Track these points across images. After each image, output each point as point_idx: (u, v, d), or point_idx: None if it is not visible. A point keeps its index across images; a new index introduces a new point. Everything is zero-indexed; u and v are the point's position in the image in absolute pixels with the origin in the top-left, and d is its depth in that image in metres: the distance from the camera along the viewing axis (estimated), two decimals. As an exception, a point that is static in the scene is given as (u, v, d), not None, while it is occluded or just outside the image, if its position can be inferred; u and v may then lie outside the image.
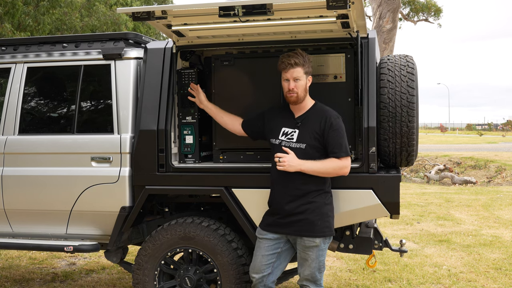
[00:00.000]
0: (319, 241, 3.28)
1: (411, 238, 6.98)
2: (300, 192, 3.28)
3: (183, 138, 3.90)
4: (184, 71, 3.88)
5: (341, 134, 3.26)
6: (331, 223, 3.32)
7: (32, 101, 4.26)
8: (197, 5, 3.20)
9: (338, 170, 3.26)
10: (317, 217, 3.26)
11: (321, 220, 3.27)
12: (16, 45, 4.21)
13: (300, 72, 3.29)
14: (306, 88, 3.35)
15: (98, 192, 3.84)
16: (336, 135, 3.24)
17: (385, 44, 12.87)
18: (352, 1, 2.97)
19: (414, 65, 3.62)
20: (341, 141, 3.25)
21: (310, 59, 3.35)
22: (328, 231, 3.30)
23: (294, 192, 3.29)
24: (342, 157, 3.24)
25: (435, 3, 22.71)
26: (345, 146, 3.26)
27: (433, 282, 5.09)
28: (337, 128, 3.25)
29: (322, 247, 3.31)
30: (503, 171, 17.14)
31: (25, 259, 5.99)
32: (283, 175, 3.31)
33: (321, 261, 3.33)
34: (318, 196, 3.29)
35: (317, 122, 3.29)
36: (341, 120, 3.30)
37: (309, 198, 3.27)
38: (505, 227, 7.77)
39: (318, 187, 3.29)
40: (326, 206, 3.31)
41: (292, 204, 3.28)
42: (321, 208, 3.28)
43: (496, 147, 29.35)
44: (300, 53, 3.31)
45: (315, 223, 3.26)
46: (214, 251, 3.64)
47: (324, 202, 3.30)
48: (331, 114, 3.31)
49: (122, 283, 5.11)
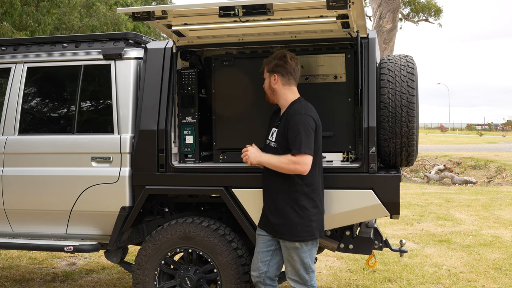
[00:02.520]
0: (299, 245, 3.24)
1: (411, 238, 6.98)
2: (278, 192, 3.26)
3: (183, 138, 3.90)
4: (184, 71, 3.88)
5: (297, 131, 3.14)
6: (313, 227, 3.23)
7: (32, 101, 4.26)
8: (197, 5, 3.21)
9: (290, 166, 3.13)
10: (298, 220, 3.21)
11: (301, 225, 3.21)
12: (16, 45, 4.21)
13: (265, 71, 3.38)
14: (271, 87, 3.34)
15: (98, 192, 3.84)
16: (293, 131, 3.16)
17: (385, 44, 12.87)
18: (352, 1, 2.97)
19: (414, 65, 3.62)
20: (296, 137, 3.14)
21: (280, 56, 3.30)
22: (308, 236, 3.22)
23: (273, 192, 3.29)
24: (295, 153, 3.12)
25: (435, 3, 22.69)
26: (300, 143, 3.12)
27: (433, 282, 5.09)
28: (293, 124, 3.17)
29: (304, 249, 3.25)
30: (503, 171, 17.14)
31: (25, 259, 5.99)
32: (265, 174, 3.35)
33: (306, 262, 3.27)
34: (299, 198, 3.21)
35: (284, 120, 3.27)
36: (305, 116, 3.17)
37: (288, 200, 3.23)
38: (505, 227, 7.77)
39: (298, 188, 3.21)
40: (308, 210, 3.22)
41: (271, 205, 3.30)
42: (303, 210, 3.21)
43: (496, 147, 29.36)
44: (274, 53, 3.36)
45: (295, 227, 3.22)
46: (214, 251, 3.64)
47: (304, 206, 3.21)
48: (293, 111, 3.24)
49: (122, 283, 5.11)
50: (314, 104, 3.45)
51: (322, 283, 5.12)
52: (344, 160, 3.66)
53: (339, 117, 3.67)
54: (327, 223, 3.49)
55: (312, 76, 3.71)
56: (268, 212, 3.34)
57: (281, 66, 3.31)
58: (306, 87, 3.68)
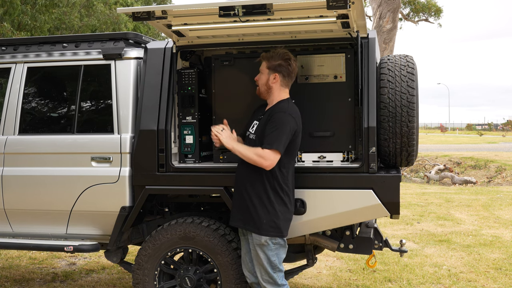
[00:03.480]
0: (265, 241, 3.24)
1: (411, 238, 6.98)
2: (249, 187, 3.27)
3: (183, 138, 3.90)
4: (184, 71, 3.88)
5: (275, 127, 3.17)
6: (279, 224, 3.23)
7: (32, 101, 4.26)
8: (197, 5, 3.21)
9: (256, 158, 3.16)
10: (264, 215, 3.22)
11: (267, 220, 3.22)
12: (16, 45, 4.21)
13: (263, 66, 3.38)
14: (268, 84, 3.35)
15: (98, 192, 3.84)
16: (271, 127, 3.19)
17: (385, 44, 12.87)
18: (352, 1, 2.97)
19: (414, 65, 3.62)
20: (272, 133, 3.16)
21: (286, 58, 3.31)
22: (274, 232, 3.22)
23: (245, 187, 3.30)
24: (265, 148, 3.15)
25: (435, 3, 22.69)
26: (273, 138, 3.15)
27: (433, 282, 5.09)
28: (273, 120, 3.19)
29: (271, 247, 3.25)
30: (503, 171, 17.14)
31: (25, 259, 5.99)
32: (239, 166, 3.38)
33: (272, 261, 3.27)
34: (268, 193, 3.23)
35: (267, 115, 3.30)
36: (287, 115, 3.20)
37: (257, 192, 3.24)
38: (505, 227, 7.77)
39: (269, 182, 3.23)
40: (277, 205, 3.23)
41: (243, 200, 3.31)
42: (271, 205, 3.22)
43: (496, 147, 29.36)
44: (275, 50, 3.36)
45: (261, 220, 3.23)
46: (214, 251, 3.64)
47: (272, 201, 3.23)
48: (278, 108, 3.27)
49: (122, 283, 5.11)
50: (314, 104, 3.46)
51: (322, 283, 5.12)
52: (344, 160, 3.66)
53: (339, 117, 3.67)
54: (327, 223, 3.49)
55: (312, 76, 3.70)
56: (236, 203, 3.35)
57: (284, 67, 3.33)
58: (306, 87, 3.69)
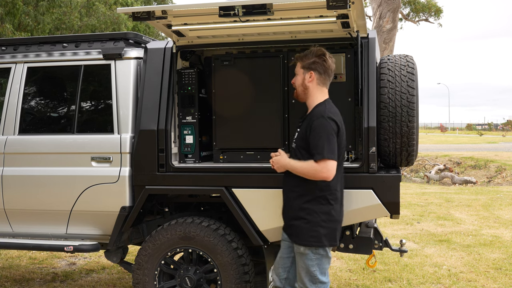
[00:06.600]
0: (304, 250, 3.11)
1: (411, 238, 6.98)
2: (293, 194, 3.18)
3: (183, 138, 3.90)
4: (184, 71, 3.89)
5: (318, 135, 3.03)
6: (320, 233, 3.08)
7: (32, 101, 4.26)
8: (197, 5, 3.21)
9: (313, 172, 3.03)
10: (304, 224, 3.10)
11: (307, 229, 3.09)
12: (16, 45, 4.21)
13: (298, 67, 3.24)
14: (305, 84, 3.20)
15: (98, 192, 3.84)
16: (314, 135, 3.04)
17: (385, 44, 12.87)
18: (352, 1, 2.97)
19: (414, 65, 3.62)
20: (318, 142, 3.02)
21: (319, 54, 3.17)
22: (314, 241, 3.08)
23: (289, 194, 3.21)
24: (317, 159, 3.01)
25: (435, 3, 22.69)
26: (322, 148, 3.00)
27: (433, 282, 5.09)
28: (314, 128, 3.05)
29: (311, 256, 3.11)
30: (503, 171, 17.14)
31: (25, 259, 5.99)
32: (284, 177, 3.27)
33: (311, 271, 3.12)
34: (310, 202, 3.10)
35: (306, 122, 3.16)
36: (327, 119, 3.06)
37: (301, 203, 3.12)
38: (505, 227, 7.77)
39: (310, 191, 3.10)
40: (318, 214, 3.09)
41: (287, 208, 3.23)
42: (311, 214, 3.09)
43: (496, 147, 29.36)
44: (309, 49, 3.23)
45: (301, 230, 3.12)
46: (214, 251, 3.64)
47: (313, 210, 3.09)
48: (315, 113, 3.12)
49: (122, 283, 5.11)
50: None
51: (322, 283, 5.12)
52: (344, 160, 3.66)
53: (339, 117, 3.66)
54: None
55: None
56: (283, 212, 3.28)
57: (319, 64, 3.18)
58: (306, 87, 3.68)
